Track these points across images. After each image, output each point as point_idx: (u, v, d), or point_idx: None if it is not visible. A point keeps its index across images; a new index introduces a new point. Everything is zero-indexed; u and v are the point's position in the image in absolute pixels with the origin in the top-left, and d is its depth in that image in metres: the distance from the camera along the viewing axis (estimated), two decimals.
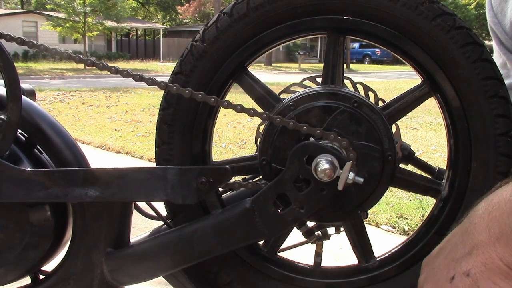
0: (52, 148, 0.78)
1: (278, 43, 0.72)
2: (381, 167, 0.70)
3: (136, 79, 0.71)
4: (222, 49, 0.71)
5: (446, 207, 0.71)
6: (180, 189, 0.70)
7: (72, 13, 24.04)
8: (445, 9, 0.67)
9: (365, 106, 0.69)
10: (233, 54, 0.71)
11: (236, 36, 0.70)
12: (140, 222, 0.95)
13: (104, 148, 6.29)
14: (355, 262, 0.78)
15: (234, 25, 0.70)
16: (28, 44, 0.71)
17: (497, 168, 0.67)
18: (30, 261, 0.77)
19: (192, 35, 34.81)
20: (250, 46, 0.71)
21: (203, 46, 0.71)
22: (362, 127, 0.69)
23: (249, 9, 0.69)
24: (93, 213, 0.75)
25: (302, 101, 0.70)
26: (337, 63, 0.73)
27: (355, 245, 0.76)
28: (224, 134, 6.82)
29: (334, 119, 0.69)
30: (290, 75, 22.00)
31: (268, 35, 0.71)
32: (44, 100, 9.55)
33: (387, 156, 0.69)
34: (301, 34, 0.72)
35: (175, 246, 0.73)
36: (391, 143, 0.70)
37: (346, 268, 0.78)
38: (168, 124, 0.73)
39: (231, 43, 0.71)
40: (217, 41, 0.70)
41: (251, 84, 0.74)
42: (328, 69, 0.73)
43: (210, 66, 0.71)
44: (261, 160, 0.72)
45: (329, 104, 0.69)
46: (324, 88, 0.71)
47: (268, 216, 0.70)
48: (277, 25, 0.70)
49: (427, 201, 4.11)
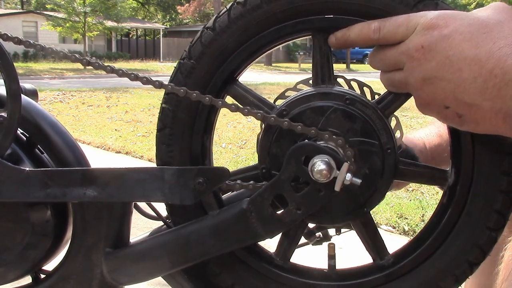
0: (52, 148, 0.79)
1: (265, 50, 0.73)
2: (382, 161, 0.69)
3: (131, 78, 0.71)
4: (209, 64, 0.71)
5: (454, 194, 0.70)
6: (178, 189, 0.70)
7: (72, 13, 24.07)
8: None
9: (358, 102, 0.69)
10: (221, 67, 0.71)
11: (222, 49, 0.71)
12: (140, 222, 0.96)
13: (104, 148, 6.29)
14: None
15: (218, 38, 0.70)
16: (25, 44, 0.72)
17: (503, 148, 0.66)
18: (31, 261, 0.78)
19: (192, 35, 34.75)
20: (237, 57, 0.71)
21: (190, 63, 0.71)
22: (357, 124, 0.69)
23: (230, 20, 0.70)
24: (93, 213, 0.75)
25: (294, 105, 0.70)
26: (325, 62, 0.73)
27: (367, 244, 0.75)
28: (224, 134, 6.82)
29: (328, 118, 0.69)
30: (290, 75, 22.01)
31: (254, 44, 0.71)
32: (44, 100, 9.56)
33: (386, 150, 0.69)
34: (286, 38, 0.72)
35: (173, 247, 0.73)
36: (389, 136, 0.69)
37: (362, 268, 0.77)
38: (166, 144, 0.73)
39: (217, 57, 0.71)
40: (203, 56, 0.71)
41: (244, 94, 0.74)
42: (317, 70, 0.73)
43: (200, 81, 0.71)
44: (261, 169, 0.73)
45: (321, 105, 0.69)
46: (315, 89, 0.71)
47: (265, 217, 0.69)
48: (260, 32, 0.71)
49: (427, 201, 4.11)
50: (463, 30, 0.58)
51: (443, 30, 0.59)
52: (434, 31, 0.59)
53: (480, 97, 0.57)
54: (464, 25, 0.58)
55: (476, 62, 0.57)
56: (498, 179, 0.67)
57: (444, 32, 0.59)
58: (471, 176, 0.68)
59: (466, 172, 0.69)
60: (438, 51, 0.59)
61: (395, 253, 0.75)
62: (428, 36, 0.60)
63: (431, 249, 0.71)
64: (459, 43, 0.58)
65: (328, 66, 0.73)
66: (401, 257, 0.74)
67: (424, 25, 0.61)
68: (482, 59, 0.56)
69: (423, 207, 3.96)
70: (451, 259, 0.70)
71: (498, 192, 0.67)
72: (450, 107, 0.61)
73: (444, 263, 0.71)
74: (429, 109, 0.64)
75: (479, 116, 0.59)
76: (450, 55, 0.58)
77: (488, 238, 0.69)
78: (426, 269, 0.72)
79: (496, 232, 0.69)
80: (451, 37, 0.58)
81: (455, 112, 0.61)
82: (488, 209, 0.68)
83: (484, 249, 0.69)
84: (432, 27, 0.60)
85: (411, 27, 0.62)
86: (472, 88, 0.57)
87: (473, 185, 0.69)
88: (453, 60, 0.58)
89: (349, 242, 1.27)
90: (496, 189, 0.67)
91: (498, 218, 0.68)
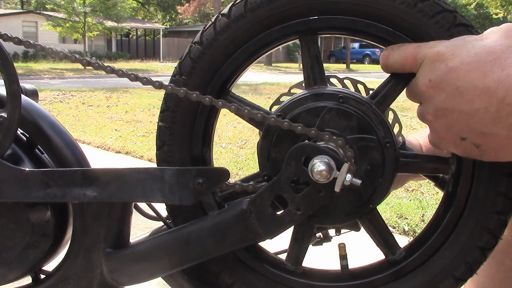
0: (52, 148, 0.79)
1: (255, 57, 0.73)
2: (382, 156, 0.69)
3: (131, 78, 0.71)
4: (201, 78, 0.71)
5: (459, 181, 0.70)
6: (177, 190, 0.70)
7: (72, 13, 24.06)
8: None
9: (351, 99, 0.69)
10: (212, 80, 0.72)
11: (211, 62, 0.71)
12: (140, 223, 0.96)
13: (104, 148, 6.30)
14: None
15: (206, 52, 0.71)
16: (25, 44, 0.72)
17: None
18: (31, 261, 0.78)
19: (192, 35, 34.71)
20: (227, 68, 0.72)
21: (182, 79, 0.72)
22: (353, 121, 0.69)
23: (216, 33, 0.70)
24: (93, 213, 0.75)
25: (289, 109, 0.70)
26: (315, 63, 0.73)
27: (378, 240, 0.75)
28: (224, 134, 6.83)
29: (323, 119, 0.69)
30: (290, 75, 22.02)
31: (242, 53, 0.71)
32: (44, 100, 9.56)
33: (385, 143, 0.69)
34: (274, 44, 0.72)
35: (173, 247, 0.73)
36: (386, 130, 0.69)
37: (373, 265, 0.76)
38: (167, 162, 0.74)
39: (207, 70, 0.71)
40: (194, 71, 0.71)
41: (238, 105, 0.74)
42: (308, 72, 0.73)
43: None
44: (262, 176, 0.73)
45: (315, 106, 0.69)
46: (308, 91, 0.71)
47: (265, 218, 0.69)
48: (248, 41, 0.71)
49: (427, 201, 4.11)
50: (470, 60, 0.58)
51: (450, 63, 0.59)
52: (441, 64, 0.60)
53: (496, 126, 0.57)
54: (471, 55, 0.58)
55: (486, 91, 0.56)
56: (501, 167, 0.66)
57: (451, 64, 0.59)
58: (473, 161, 0.68)
59: (468, 159, 0.68)
60: (447, 84, 0.59)
61: (406, 247, 0.75)
62: (435, 70, 0.60)
63: (442, 239, 0.71)
64: (467, 73, 0.58)
65: (318, 67, 0.73)
66: (413, 249, 0.73)
67: (431, 58, 0.61)
68: (492, 88, 0.56)
69: (423, 207, 3.96)
70: (461, 247, 0.70)
71: (501, 176, 0.67)
72: (466, 138, 0.61)
73: (456, 252, 0.70)
74: (445, 143, 0.64)
75: (497, 145, 0.59)
76: (459, 86, 0.58)
77: (497, 222, 0.68)
78: (438, 260, 0.71)
79: (504, 215, 0.68)
80: (458, 68, 0.58)
81: (472, 143, 0.61)
82: (493, 194, 0.68)
83: (495, 233, 0.69)
84: (439, 60, 0.60)
85: (419, 59, 0.63)
86: (486, 117, 0.57)
87: (476, 171, 0.68)
88: (462, 91, 0.58)
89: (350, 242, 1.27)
90: (500, 173, 0.67)
91: (505, 202, 0.68)
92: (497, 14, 19.57)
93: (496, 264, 0.96)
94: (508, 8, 19.06)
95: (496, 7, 18.87)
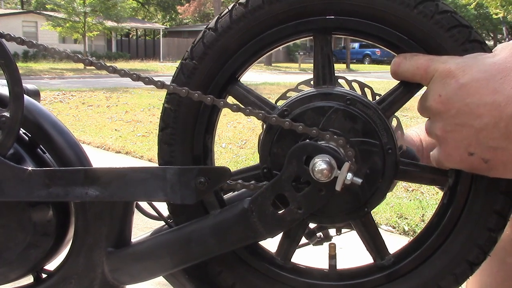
0: (54, 147, 0.79)
1: (267, 50, 0.73)
2: (383, 162, 0.69)
3: (133, 78, 0.71)
4: (211, 64, 0.71)
5: (455, 194, 0.70)
6: (179, 189, 0.70)
7: (72, 13, 24.05)
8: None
9: (358, 102, 0.69)
10: (223, 67, 0.72)
11: (224, 50, 0.71)
12: (140, 222, 0.96)
13: (104, 148, 6.30)
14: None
15: (220, 39, 0.71)
16: (27, 44, 0.72)
17: None
18: (33, 260, 0.78)
19: (192, 35, 34.55)
20: (239, 57, 0.72)
21: (192, 64, 0.72)
22: (358, 124, 0.69)
23: (232, 21, 0.70)
24: (95, 213, 0.76)
25: (295, 105, 0.70)
26: (326, 63, 0.73)
27: (368, 244, 0.76)
28: (224, 134, 6.82)
29: (329, 119, 0.69)
30: (290, 75, 22.01)
31: (255, 44, 0.71)
32: (44, 100, 9.55)
33: (387, 150, 0.69)
34: (288, 39, 0.72)
35: (174, 246, 0.73)
36: (390, 137, 0.69)
37: (363, 268, 0.77)
38: (169, 144, 0.74)
39: (219, 57, 0.71)
40: (205, 56, 0.71)
41: (245, 94, 0.74)
42: (318, 70, 0.73)
43: (202, 81, 0.71)
44: (262, 168, 0.73)
45: (322, 105, 0.70)
46: (316, 89, 0.72)
47: (266, 217, 0.70)
48: (262, 33, 0.71)
49: (427, 201, 4.12)
50: (480, 77, 0.59)
51: (460, 79, 0.60)
52: (452, 80, 0.61)
53: (505, 140, 0.58)
54: (481, 72, 0.59)
55: (495, 107, 0.58)
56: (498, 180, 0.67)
57: (461, 81, 0.60)
58: (472, 175, 0.68)
59: (466, 174, 0.69)
60: (457, 100, 0.60)
61: (395, 253, 0.76)
62: (446, 86, 0.61)
63: (431, 249, 0.72)
64: (477, 90, 0.59)
65: (329, 67, 0.73)
66: (402, 257, 0.74)
67: (442, 73, 0.62)
68: (501, 104, 0.57)
69: (423, 207, 3.96)
70: (451, 258, 0.70)
71: (498, 193, 0.68)
72: (474, 153, 0.61)
73: (445, 263, 0.71)
74: (453, 159, 0.64)
75: (506, 159, 0.60)
76: (469, 102, 0.59)
77: (488, 238, 0.69)
78: (427, 269, 0.72)
79: (496, 233, 0.69)
80: (468, 85, 0.59)
81: (481, 158, 0.61)
82: (488, 210, 0.68)
83: (484, 249, 0.69)
84: (450, 76, 0.61)
85: (430, 72, 0.63)
86: (495, 132, 0.58)
87: (473, 184, 0.69)
88: (472, 107, 0.59)
89: (350, 242, 1.27)
90: (497, 191, 0.67)
91: (498, 219, 0.68)
92: (497, 14, 19.59)
93: (498, 263, 0.96)
94: (508, 8, 19.07)
95: (496, 7, 18.89)
